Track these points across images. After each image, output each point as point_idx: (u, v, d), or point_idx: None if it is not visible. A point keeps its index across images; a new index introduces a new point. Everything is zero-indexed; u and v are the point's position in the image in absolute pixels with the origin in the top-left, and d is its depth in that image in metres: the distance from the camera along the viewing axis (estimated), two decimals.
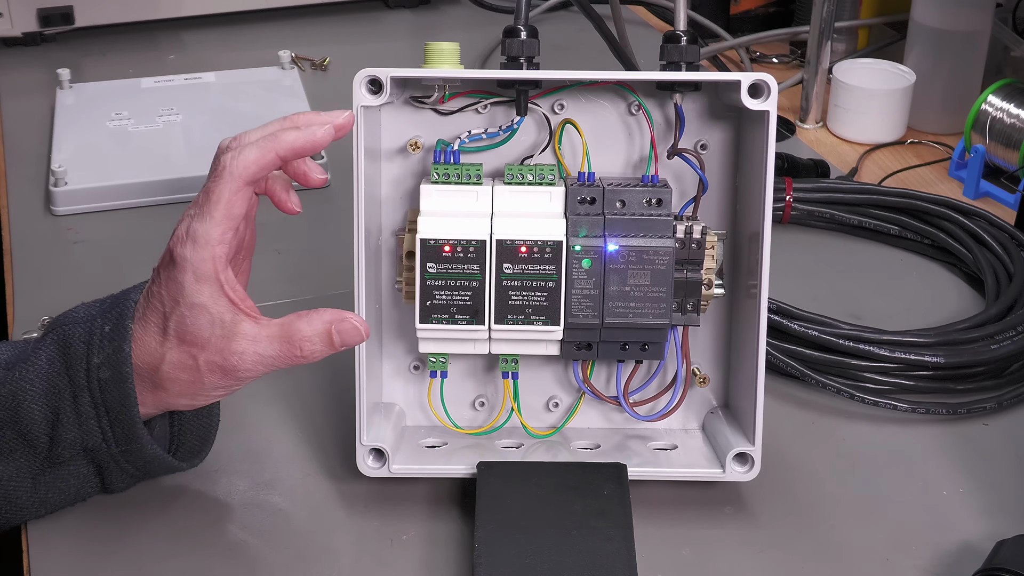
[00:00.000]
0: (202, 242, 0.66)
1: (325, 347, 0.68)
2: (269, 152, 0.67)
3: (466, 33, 1.44)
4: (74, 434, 0.68)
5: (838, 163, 1.17)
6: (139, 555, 0.71)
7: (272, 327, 0.68)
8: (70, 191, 1.07)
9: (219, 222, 0.66)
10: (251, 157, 0.67)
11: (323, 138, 0.68)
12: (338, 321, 0.68)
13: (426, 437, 0.78)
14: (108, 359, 0.67)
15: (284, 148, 0.68)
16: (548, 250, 0.72)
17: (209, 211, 0.66)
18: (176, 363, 0.67)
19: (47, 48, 1.39)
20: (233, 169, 0.67)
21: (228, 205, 0.66)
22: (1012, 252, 0.96)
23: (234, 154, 0.67)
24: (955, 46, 1.21)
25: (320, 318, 0.68)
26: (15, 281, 0.98)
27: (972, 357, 0.85)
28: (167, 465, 0.72)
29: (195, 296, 0.66)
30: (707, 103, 0.76)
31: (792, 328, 0.86)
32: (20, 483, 0.69)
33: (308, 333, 0.68)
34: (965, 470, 0.79)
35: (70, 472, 0.70)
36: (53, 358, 0.68)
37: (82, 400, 0.67)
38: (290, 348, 0.67)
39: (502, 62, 0.73)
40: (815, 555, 0.72)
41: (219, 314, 0.66)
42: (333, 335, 0.68)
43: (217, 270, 0.66)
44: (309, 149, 0.68)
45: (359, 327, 0.69)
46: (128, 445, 0.69)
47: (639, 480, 0.74)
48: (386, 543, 0.72)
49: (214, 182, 0.67)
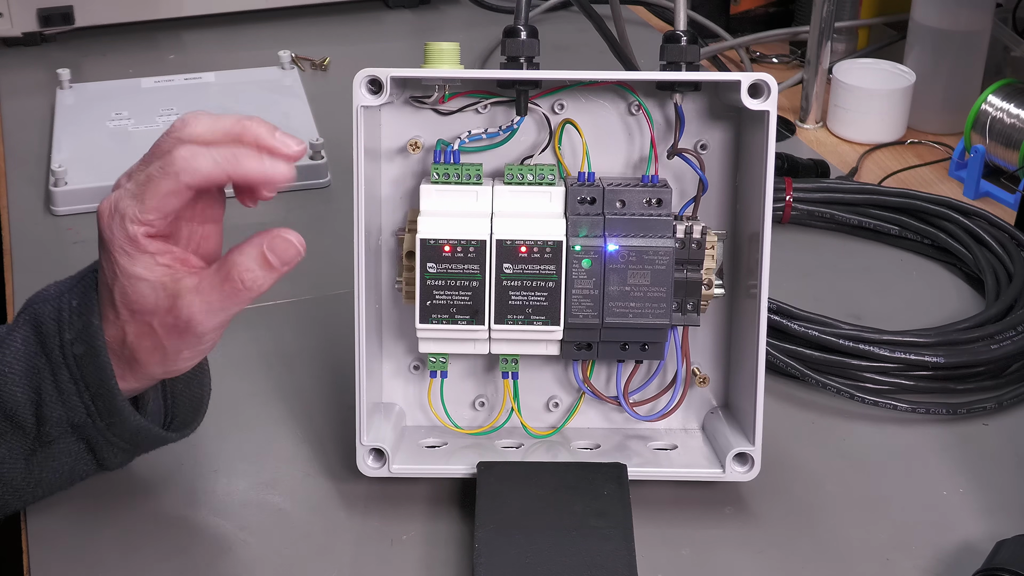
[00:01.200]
0: (128, 219, 0.64)
1: (263, 270, 0.65)
2: (222, 173, 0.64)
3: (466, 33, 1.44)
4: (59, 412, 0.67)
5: (838, 163, 1.17)
6: (139, 554, 0.71)
7: (211, 271, 0.66)
8: (70, 191, 1.07)
9: (149, 210, 0.64)
10: (203, 168, 0.64)
11: (279, 179, 0.65)
12: (269, 239, 0.65)
13: (426, 437, 0.78)
14: (79, 334, 0.66)
15: (238, 175, 0.65)
16: (548, 250, 0.72)
17: (142, 196, 0.64)
18: (136, 332, 0.66)
19: (47, 48, 1.39)
20: (180, 171, 0.64)
21: (163, 200, 0.64)
22: (1012, 252, 0.96)
23: (186, 155, 0.64)
24: (955, 46, 1.21)
25: (251, 243, 0.65)
26: (15, 281, 0.98)
27: (972, 357, 0.85)
28: (156, 436, 0.71)
29: (129, 267, 0.65)
30: (707, 103, 0.76)
31: (792, 328, 0.86)
32: (13, 465, 0.69)
33: (243, 262, 0.65)
34: (965, 470, 0.79)
35: (61, 450, 0.70)
36: (28, 338, 0.67)
37: (61, 377, 0.67)
38: (231, 284, 0.65)
39: (502, 62, 0.73)
40: (815, 555, 0.72)
41: (157, 279, 0.65)
42: (267, 255, 0.65)
43: (142, 244, 0.64)
44: (262, 184, 0.66)
45: (290, 238, 0.65)
46: (111, 418, 0.68)
47: (639, 480, 0.74)
48: (386, 543, 0.72)
49: (158, 172, 0.64)
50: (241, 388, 0.84)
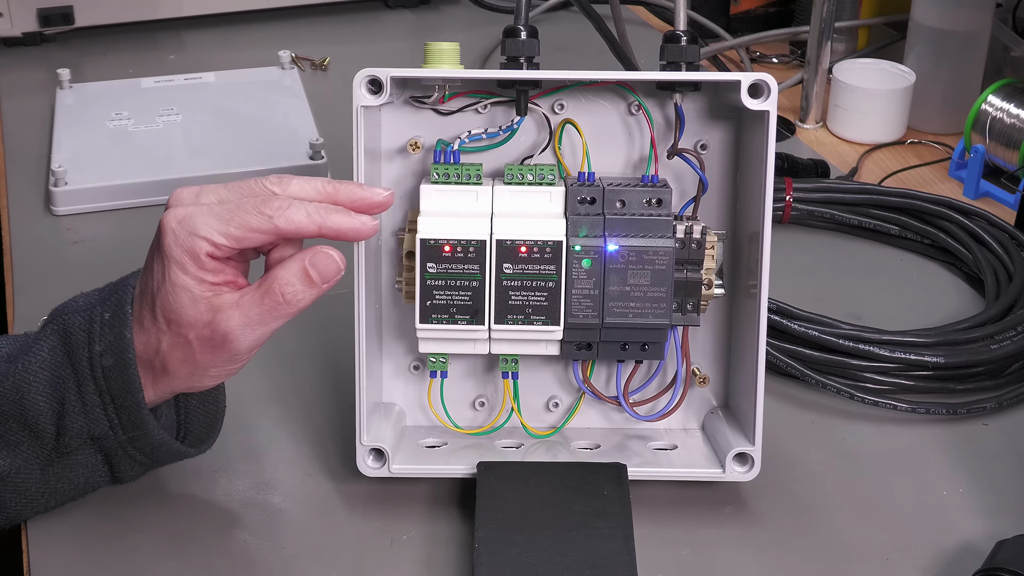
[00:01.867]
0: (199, 235, 0.65)
1: (305, 286, 0.67)
2: (314, 224, 0.66)
3: (466, 33, 1.44)
4: (80, 423, 0.68)
5: (838, 163, 1.17)
6: (139, 555, 0.71)
7: (252, 287, 0.67)
8: (70, 191, 1.07)
9: (225, 236, 0.65)
10: (297, 219, 0.66)
11: (368, 234, 0.68)
12: (311, 255, 0.67)
13: (426, 437, 0.78)
14: (110, 346, 0.67)
15: (329, 228, 0.67)
16: (548, 250, 0.72)
17: (225, 220, 0.65)
18: (171, 344, 0.67)
19: (47, 48, 1.39)
20: (275, 216, 0.65)
21: (245, 233, 0.66)
22: (1012, 252, 0.96)
23: (282, 204, 0.66)
24: (955, 46, 1.21)
25: (293, 259, 0.67)
26: (15, 281, 0.98)
27: (972, 357, 0.85)
28: (175, 451, 0.71)
29: (177, 276, 0.66)
30: (707, 103, 0.76)
31: (792, 328, 0.86)
32: (29, 475, 0.69)
33: (285, 276, 0.66)
34: (965, 470, 0.79)
35: (78, 462, 0.70)
36: (55, 348, 0.68)
37: (87, 389, 0.67)
38: (272, 298, 0.66)
39: (502, 62, 0.73)
40: (815, 555, 0.72)
41: (200, 293, 0.66)
42: (309, 271, 0.67)
43: (201, 260, 0.65)
44: (351, 237, 0.68)
45: (333, 255, 0.67)
46: (135, 432, 0.69)
47: (639, 480, 0.74)
48: (386, 543, 0.72)
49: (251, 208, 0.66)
50: (241, 388, 0.83)
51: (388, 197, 0.69)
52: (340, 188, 0.68)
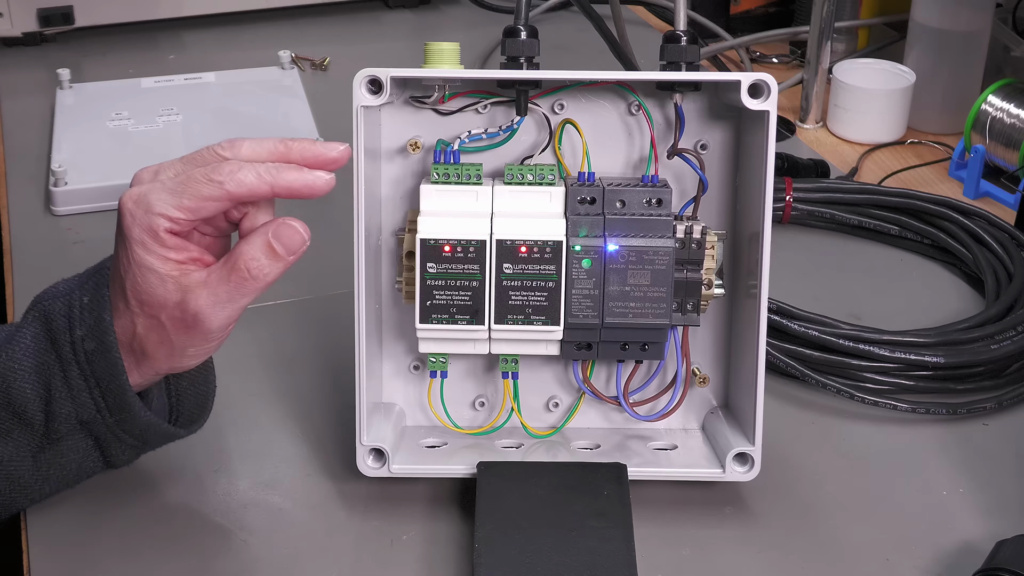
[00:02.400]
0: (154, 212, 0.65)
1: (270, 259, 0.66)
2: (265, 184, 0.66)
3: (466, 33, 1.44)
4: (68, 408, 0.68)
5: (838, 163, 1.17)
6: (139, 554, 0.71)
7: (218, 264, 0.67)
8: (70, 191, 1.07)
9: (179, 209, 0.65)
10: (247, 180, 0.65)
11: (323, 188, 0.67)
12: (274, 227, 0.66)
13: (426, 437, 0.78)
14: (90, 330, 0.67)
15: (281, 187, 0.66)
16: (548, 250, 0.72)
17: (177, 193, 0.65)
18: (145, 326, 0.67)
19: (47, 48, 1.39)
20: (225, 181, 0.65)
21: (199, 203, 0.65)
22: (1012, 252, 0.96)
23: (231, 168, 0.65)
24: (955, 46, 1.21)
25: (257, 232, 0.66)
26: (15, 281, 0.98)
27: (972, 357, 0.85)
28: (165, 432, 0.71)
29: (142, 257, 0.65)
30: (707, 103, 0.76)
31: (792, 328, 0.86)
32: (21, 462, 0.69)
33: (249, 251, 0.66)
34: (965, 470, 0.79)
35: (69, 447, 0.70)
36: (38, 335, 0.68)
37: (71, 373, 0.67)
38: (238, 274, 0.66)
39: (502, 62, 0.73)
40: (815, 555, 0.72)
41: (167, 273, 0.65)
42: (272, 244, 0.66)
43: (161, 239, 0.65)
44: (306, 195, 0.67)
45: (295, 226, 0.66)
46: (121, 414, 0.69)
47: (639, 480, 0.74)
48: (386, 543, 0.72)
49: (202, 176, 0.65)
50: (241, 388, 0.84)
51: (343, 152, 0.68)
52: (292, 146, 0.68)
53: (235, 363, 0.86)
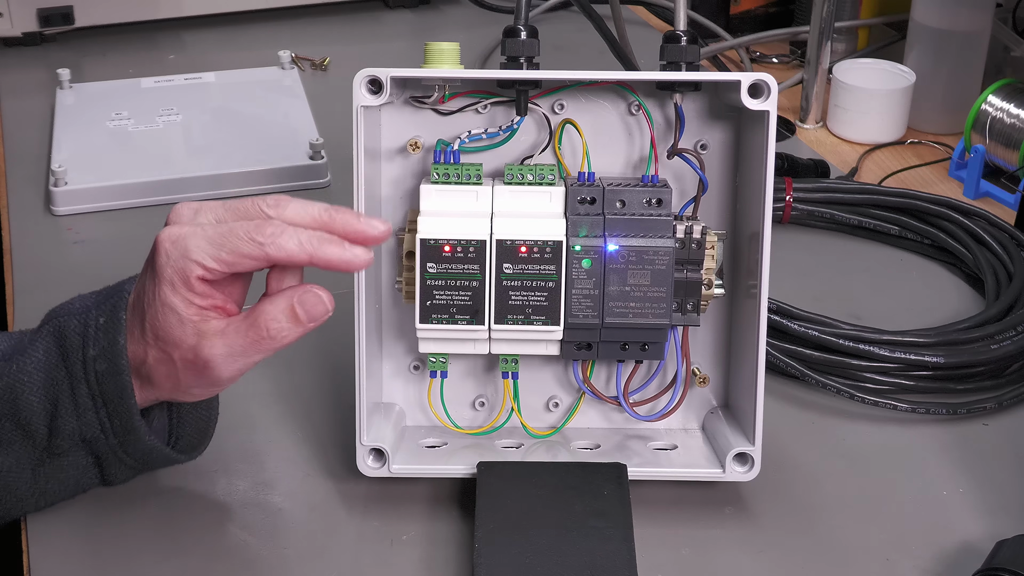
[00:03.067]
0: (191, 258, 0.65)
1: (291, 323, 0.67)
2: (305, 254, 0.66)
3: (466, 33, 1.44)
4: (73, 425, 0.68)
5: (838, 163, 1.17)
6: (139, 555, 0.71)
7: (239, 317, 0.67)
8: (70, 191, 1.07)
9: (216, 260, 0.65)
10: (288, 247, 0.65)
11: (359, 267, 0.67)
12: (300, 294, 0.67)
13: (426, 437, 0.78)
14: (104, 351, 0.67)
15: (320, 259, 0.66)
16: (548, 250, 0.72)
17: (217, 243, 0.65)
18: (156, 358, 0.67)
19: (47, 48, 1.39)
20: (266, 244, 0.65)
21: (237, 258, 0.65)
22: (1012, 252, 0.96)
23: (275, 231, 0.65)
24: (955, 46, 1.21)
25: (282, 295, 0.67)
26: (15, 281, 0.98)
27: (972, 357, 0.85)
28: (165, 457, 0.72)
29: (168, 296, 0.66)
30: (707, 103, 0.76)
31: (792, 328, 0.86)
32: (20, 474, 0.69)
33: (272, 311, 0.66)
34: (965, 470, 0.79)
35: (69, 463, 0.70)
36: (50, 350, 0.68)
37: (80, 392, 0.67)
38: (256, 331, 0.66)
39: (502, 62, 0.73)
40: (815, 555, 0.72)
41: (188, 316, 0.66)
42: (296, 309, 0.67)
43: (192, 284, 0.66)
44: (343, 269, 0.67)
45: (321, 295, 0.67)
46: (126, 436, 0.69)
47: (639, 480, 0.74)
48: (386, 543, 0.72)
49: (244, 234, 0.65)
50: (241, 388, 0.83)
51: (385, 231, 0.68)
52: (336, 217, 0.67)
53: None
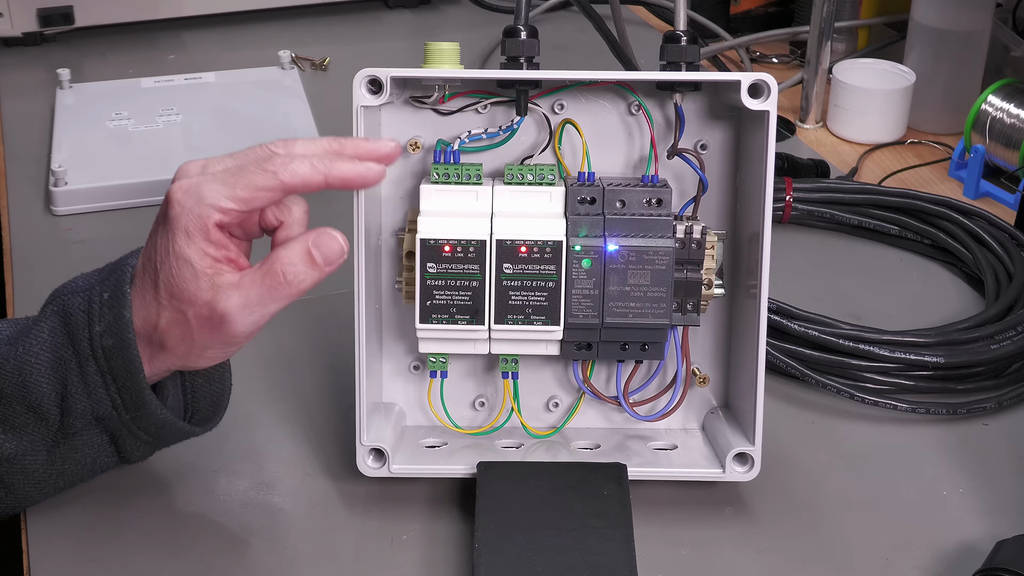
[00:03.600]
0: (207, 203, 0.65)
1: (307, 267, 0.67)
2: (319, 174, 0.67)
3: (466, 33, 1.44)
4: (84, 404, 0.68)
5: (838, 163, 1.17)
6: (139, 555, 0.71)
7: (253, 268, 0.67)
8: (70, 191, 1.07)
9: (233, 199, 0.65)
10: (301, 170, 0.66)
11: (376, 178, 0.68)
12: (315, 236, 0.67)
13: (426, 437, 0.78)
14: (109, 327, 0.67)
15: (335, 177, 0.67)
16: (548, 250, 0.72)
17: (231, 183, 0.66)
18: (169, 319, 0.67)
19: (47, 48, 1.39)
20: (279, 171, 0.66)
21: (254, 193, 0.66)
22: (1012, 252, 0.96)
23: (285, 159, 0.66)
24: (955, 46, 1.21)
25: (297, 240, 0.67)
26: (15, 281, 0.98)
27: (972, 357, 0.85)
28: (180, 430, 0.71)
29: (183, 248, 0.65)
30: (707, 103, 0.76)
31: (792, 328, 0.86)
32: (35, 456, 0.69)
33: (288, 257, 0.67)
34: (965, 470, 0.79)
35: (84, 442, 0.70)
36: (55, 329, 0.67)
37: (88, 369, 0.67)
38: (273, 279, 0.66)
39: (502, 62, 0.73)
40: (815, 555, 0.72)
41: (202, 268, 0.66)
42: (312, 252, 0.67)
43: (208, 231, 0.65)
44: (359, 184, 0.68)
45: (336, 236, 0.67)
46: (138, 411, 0.69)
47: (639, 480, 0.74)
48: (386, 543, 0.72)
49: (255, 167, 0.66)
50: (241, 388, 0.83)
51: (395, 148, 0.69)
52: (345, 143, 0.69)
53: (235, 363, 0.85)
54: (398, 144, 0.69)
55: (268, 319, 0.68)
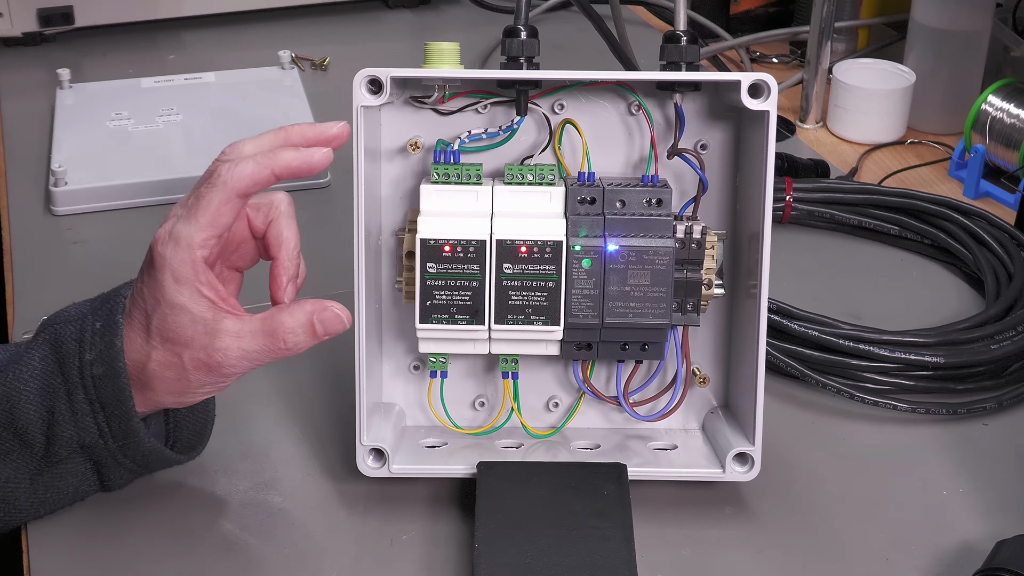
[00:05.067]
0: (184, 244, 0.66)
1: (308, 337, 0.68)
2: (265, 169, 0.67)
3: (466, 33, 1.44)
4: (70, 432, 0.68)
5: (838, 163, 1.17)
6: (138, 555, 0.71)
7: (254, 322, 0.68)
8: (70, 191, 1.07)
9: (204, 228, 0.66)
10: (246, 171, 0.67)
11: (320, 162, 0.69)
12: (320, 311, 0.68)
13: (426, 437, 0.78)
14: (100, 355, 0.67)
15: (280, 167, 0.68)
16: (548, 250, 0.72)
17: (196, 215, 0.67)
18: (162, 362, 0.67)
19: (47, 48, 1.39)
20: (228, 179, 0.67)
21: (216, 213, 0.67)
22: (1012, 252, 0.96)
23: (230, 165, 0.67)
24: (955, 46, 1.21)
25: (302, 309, 0.68)
26: (15, 281, 0.98)
27: (972, 357, 0.85)
28: (165, 458, 0.72)
29: (175, 296, 0.66)
30: (707, 103, 0.76)
31: (792, 328, 0.86)
32: (18, 484, 0.69)
33: (291, 325, 0.68)
34: (965, 470, 0.79)
35: (68, 471, 0.70)
36: (46, 357, 0.68)
37: (77, 398, 0.67)
38: (273, 341, 0.68)
39: (502, 62, 0.73)
40: (815, 555, 0.72)
41: (199, 313, 0.67)
42: (315, 325, 0.68)
43: (196, 272, 0.66)
44: (305, 172, 0.69)
45: (341, 315, 0.69)
46: (125, 440, 0.69)
47: (639, 480, 0.74)
48: (386, 543, 0.72)
49: (206, 188, 0.67)
50: (241, 388, 0.83)
51: (342, 129, 0.70)
52: (291, 131, 0.69)
53: None
54: (345, 125, 0.70)
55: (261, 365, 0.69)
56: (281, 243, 0.72)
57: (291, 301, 0.71)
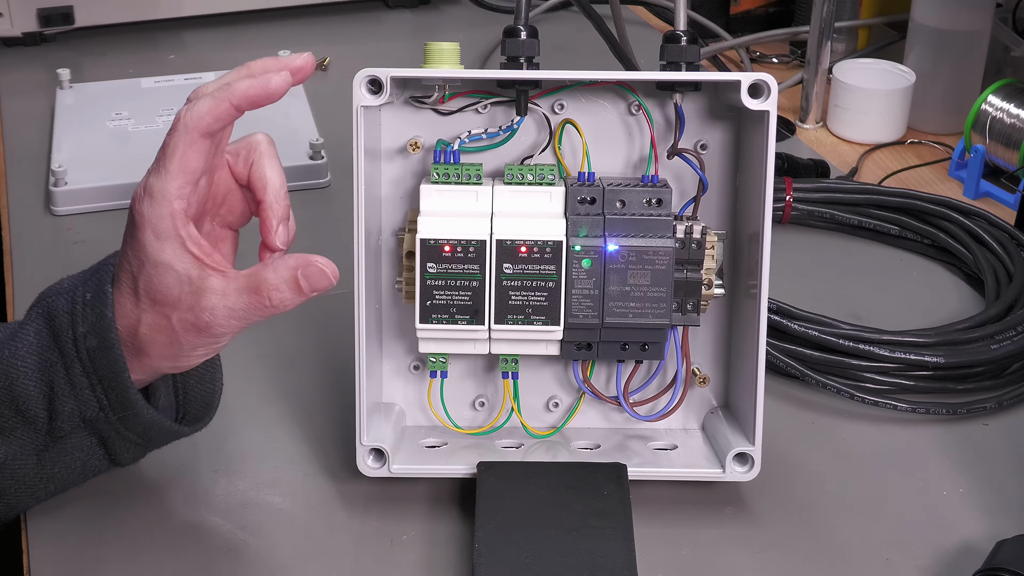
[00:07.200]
0: (158, 197, 0.65)
1: (293, 294, 0.66)
2: (223, 102, 0.66)
3: (466, 33, 1.44)
4: (71, 405, 0.67)
5: (838, 163, 1.17)
6: (138, 555, 0.71)
7: (240, 279, 0.67)
8: (70, 191, 1.07)
9: (174, 176, 0.65)
10: (204, 108, 0.66)
11: (279, 86, 0.67)
12: (304, 265, 0.67)
13: (426, 437, 0.78)
14: (93, 327, 0.67)
15: (238, 97, 0.66)
16: (548, 250, 0.72)
17: (164, 166, 0.66)
18: (152, 325, 0.67)
19: (47, 48, 1.39)
20: (187, 121, 0.66)
21: (183, 158, 0.65)
22: (1012, 252, 0.96)
23: (188, 107, 0.66)
24: (955, 46, 1.21)
25: (285, 264, 0.67)
26: (15, 281, 0.98)
27: (972, 357, 0.85)
28: (168, 430, 0.71)
29: (158, 255, 0.65)
30: (707, 103, 0.76)
31: (792, 328, 0.86)
32: (25, 461, 0.69)
33: (274, 281, 0.66)
34: (965, 470, 0.79)
35: (73, 445, 0.69)
36: (40, 331, 0.67)
37: (74, 371, 0.67)
38: (259, 299, 0.66)
39: (502, 62, 0.73)
40: (815, 555, 0.72)
41: (184, 271, 0.66)
42: (300, 280, 0.66)
43: (176, 226, 0.65)
44: (264, 99, 0.67)
45: (325, 269, 0.67)
46: (124, 412, 0.68)
47: (639, 480, 0.74)
48: (386, 543, 0.72)
49: (170, 136, 0.66)
50: (241, 388, 0.84)
51: (307, 60, 0.69)
52: (253, 64, 0.68)
53: (235, 363, 0.85)
54: (310, 55, 0.69)
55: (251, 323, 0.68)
56: (266, 184, 0.70)
57: (284, 245, 0.69)
